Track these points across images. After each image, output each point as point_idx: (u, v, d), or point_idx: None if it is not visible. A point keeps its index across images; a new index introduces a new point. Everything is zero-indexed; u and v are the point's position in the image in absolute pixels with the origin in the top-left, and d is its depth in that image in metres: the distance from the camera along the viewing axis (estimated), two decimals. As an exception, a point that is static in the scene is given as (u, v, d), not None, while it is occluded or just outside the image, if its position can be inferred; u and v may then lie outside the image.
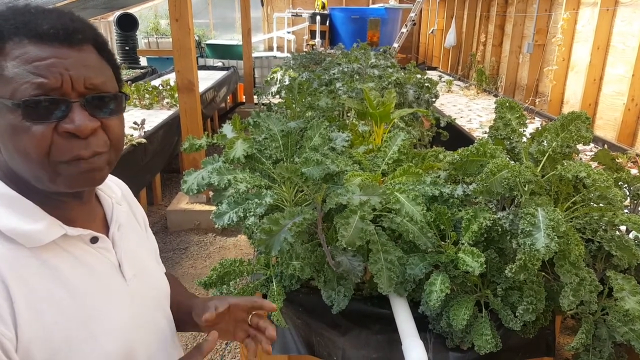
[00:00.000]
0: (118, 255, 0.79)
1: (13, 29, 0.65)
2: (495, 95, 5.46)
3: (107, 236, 0.79)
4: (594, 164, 1.78)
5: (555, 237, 1.05)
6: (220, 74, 6.81)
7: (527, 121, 4.42)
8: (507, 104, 1.37)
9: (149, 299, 0.85)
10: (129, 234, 0.86)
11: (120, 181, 0.95)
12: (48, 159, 0.66)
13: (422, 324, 1.25)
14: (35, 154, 0.65)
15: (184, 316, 0.96)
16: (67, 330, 0.67)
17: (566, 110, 4.67)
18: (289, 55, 6.34)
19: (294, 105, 1.95)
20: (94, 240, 0.76)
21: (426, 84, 2.72)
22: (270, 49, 10.52)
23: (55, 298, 0.67)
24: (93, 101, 0.68)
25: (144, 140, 3.52)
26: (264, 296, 1.37)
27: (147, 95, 4.73)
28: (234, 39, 10.46)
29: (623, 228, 1.38)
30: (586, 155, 3.01)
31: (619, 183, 1.42)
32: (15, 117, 0.64)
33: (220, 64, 8.48)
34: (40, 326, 0.65)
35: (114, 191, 0.86)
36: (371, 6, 10.35)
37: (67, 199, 0.73)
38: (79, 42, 0.68)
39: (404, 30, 8.23)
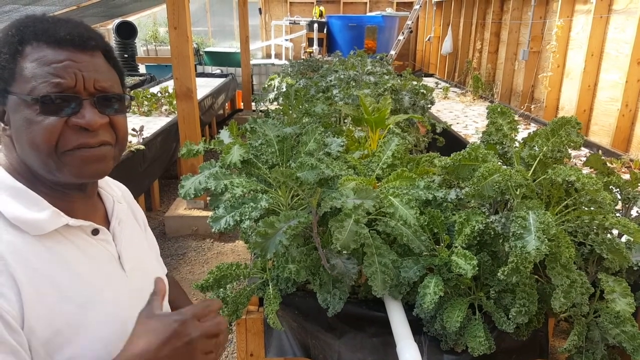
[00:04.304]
0: (118, 248, 0.83)
1: (32, 34, 0.72)
2: (491, 102, 5.50)
3: (108, 230, 0.84)
4: (586, 169, 1.81)
5: (546, 239, 1.07)
6: (218, 81, 6.85)
7: (523, 127, 4.40)
8: (499, 110, 1.40)
9: (148, 292, 0.87)
10: (129, 230, 0.90)
11: (121, 184, 1.00)
12: (56, 149, 0.72)
13: (417, 327, 1.26)
14: (44, 145, 0.71)
15: None
16: (67, 313, 0.71)
17: (561, 116, 4.70)
18: (286, 62, 6.38)
19: (290, 112, 1.97)
20: (95, 232, 0.80)
21: (422, 91, 2.75)
22: (268, 56, 10.58)
23: (57, 281, 0.71)
24: (102, 100, 0.75)
25: (142, 147, 3.54)
26: (260, 300, 1.39)
27: (145, 102, 4.76)
28: (232, 46, 10.52)
29: (616, 232, 1.40)
30: (580, 160, 3.04)
31: (610, 187, 1.44)
32: (32, 112, 0.70)
33: (218, 71, 8.52)
34: (43, 307, 0.68)
35: (115, 191, 0.92)
36: (368, 14, 10.43)
37: (72, 191, 0.78)
38: (92, 48, 0.75)
39: (400, 37, 8.30)
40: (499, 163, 1.33)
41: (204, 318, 0.71)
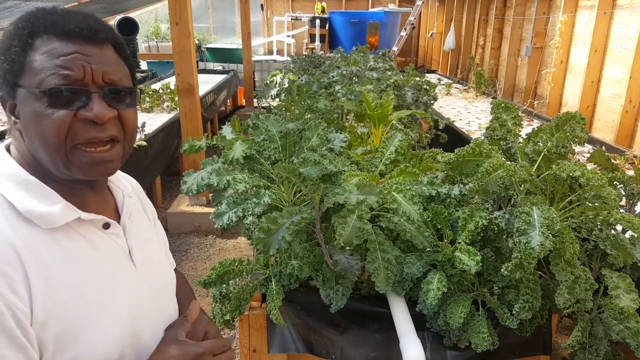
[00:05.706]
0: (128, 242, 0.83)
1: (42, 27, 0.71)
2: (494, 98, 5.48)
3: (119, 224, 0.83)
4: (590, 165, 1.80)
5: (550, 235, 1.07)
6: (220, 78, 6.83)
7: (526, 123, 4.39)
8: (503, 105, 1.39)
9: (157, 286, 0.89)
10: (139, 224, 0.90)
11: (131, 177, 1.00)
12: (65, 143, 0.71)
13: (420, 323, 1.26)
14: (53, 139, 0.70)
15: None
16: (78, 308, 0.71)
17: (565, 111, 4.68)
18: (288, 58, 6.36)
19: (293, 108, 1.96)
20: (106, 226, 0.80)
21: (424, 87, 2.74)
22: (270, 52, 10.56)
23: (68, 276, 0.71)
24: (111, 93, 0.74)
25: (144, 143, 3.54)
26: (263, 296, 1.39)
27: (147, 99, 4.75)
28: (234, 42, 10.50)
29: (620, 228, 1.39)
30: (584, 156, 3.03)
31: (615, 183, 1.43)
32: (40, 105, 0.70)
33: (220, 67, 8.51)
34: (54, 303, 0.68)
35: (125, 185, 0.92)
36: (371, 10, 10.39)
37: (82, 186, 0.78)
38: (101, 41, 0.74)
39: (403, 33, 8.27)
40: (503, 159, 1.32)
41: (218, 354, 0.81)
